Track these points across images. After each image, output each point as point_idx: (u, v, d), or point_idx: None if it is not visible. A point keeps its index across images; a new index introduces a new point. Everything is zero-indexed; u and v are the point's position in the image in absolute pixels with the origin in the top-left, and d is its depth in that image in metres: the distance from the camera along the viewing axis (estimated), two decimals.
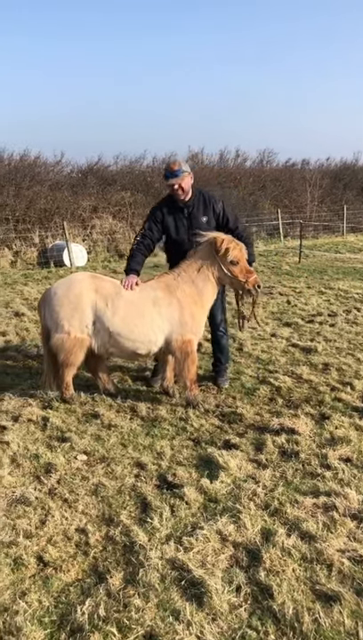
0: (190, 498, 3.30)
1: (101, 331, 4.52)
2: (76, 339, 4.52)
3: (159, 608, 2.46)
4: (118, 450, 3.99)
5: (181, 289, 4.63)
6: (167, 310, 4.58)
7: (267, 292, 9.68)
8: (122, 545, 2.92)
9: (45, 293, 4.72)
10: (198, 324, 4.71)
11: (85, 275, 4.73)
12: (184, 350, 4.62)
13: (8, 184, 15.25)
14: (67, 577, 2.70)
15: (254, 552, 2.83)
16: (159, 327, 4.58)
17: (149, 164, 20.23)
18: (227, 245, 4.54)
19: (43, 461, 3.82)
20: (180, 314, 4.59)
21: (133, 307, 4.52)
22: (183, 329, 4.60)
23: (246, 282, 4.64)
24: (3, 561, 2.80)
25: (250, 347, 6.37)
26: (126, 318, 4.50)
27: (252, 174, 21.04)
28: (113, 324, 4.48)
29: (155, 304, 4.57)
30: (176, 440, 4.13)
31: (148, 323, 4.54)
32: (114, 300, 4.50)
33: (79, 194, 16.83)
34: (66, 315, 4.48)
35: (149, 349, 4.65)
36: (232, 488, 3.42)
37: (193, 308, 4.63)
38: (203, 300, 4.70)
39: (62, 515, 3.19)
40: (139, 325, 4.52)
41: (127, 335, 4.52)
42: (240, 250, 4.63)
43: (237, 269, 4.61)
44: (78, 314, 4.48)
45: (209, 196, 4.93)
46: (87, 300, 4.48)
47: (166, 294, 4.61)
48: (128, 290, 4.59)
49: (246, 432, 4.24)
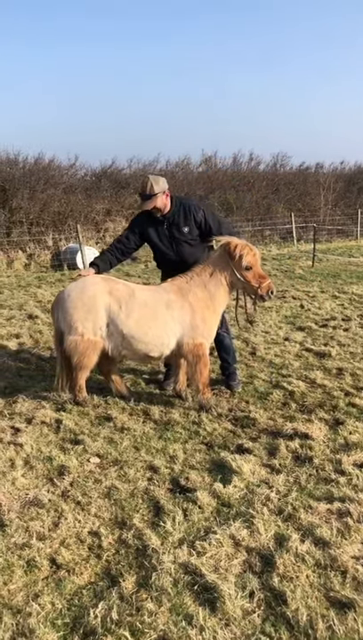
0: (203, 502, 3.29)
1: (115, 333, 4.53)
2: (89, 341, 4.53)
3: (172, 612, 2.45)
4: (131, 453, 4.00)
5: (193, 292, 4.63)
6: (179, 313, 4.58)
7: (280, 296, 9.65)
8: (135, 548, 2.92)
9: (59, 296, 4.74)
10: (210, 327, 4.71)
11: (99, 277, 4.75)
12: (196, 354, 4.62)
13: (22, 187, 15.36)
14: (80, 580, 2.70)
15: (267, 557, 2.81)
16: (172, 330, 4.58)
17: (163, 168, 20.28)
18: (241, 251, 4.54)
19: (56, 464, 3.83)
20: (191, 317, 4.59)
21: (146, 309, 4.53)
22: (194, 332, 4.60)
23: (260, 287, 4.63)
24: (16, 562, 2.81)
25: (263, 351, 6.35)
26: (140, 321, 4.50)
27: (265, 178, 21.01)
28: (126, 326, 4.48)
29: (168, 307, 4.57)
30: (189, 444, 4.13)
31: (161, 325, 4.55)
32: (128, 302, 4.50)
33: (93, 197, 16.92)
34: (80, 317, 4.50)
35: (162, 352, 4.65)
36: (245, 493, 3.41)
37: (205, 311, 4.63)
38: (215, 305, 4.69)
39: (75, 517, 3.19)
40: (152, 328, 4.53)
41: (141, 337, 4.53)
42: (254, 255, 4.62)
43: (250, 275, 4.60)
44: (92, 316, 4.49)
45: (189, 206, 4.91)
46: (101, 303, 4.49)
47: (179, 297, 4.61)
48: (83, 275, 4.77)
49: (260, 436, 4.22)
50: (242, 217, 18.67)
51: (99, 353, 4.62)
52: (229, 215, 18.60)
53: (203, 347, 4.66)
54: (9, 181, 15.40)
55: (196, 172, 20.76)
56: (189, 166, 20.96)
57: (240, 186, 19.83)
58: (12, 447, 4.06)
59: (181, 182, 19.47)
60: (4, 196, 15.34)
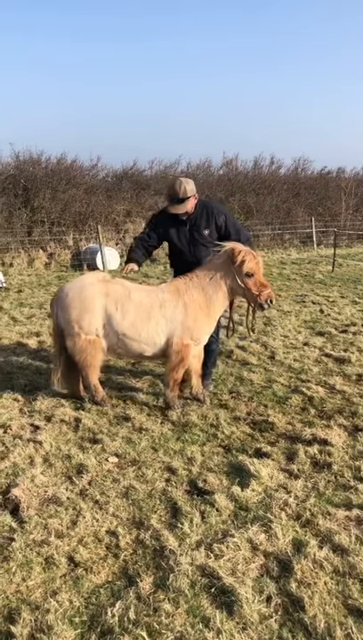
0: (221, 505, 3.29)
1: (111, 333, 4.58)
2: (88, 340, 4.59)
3: (189, 614, 2.45)
4: (149, 453, 4.01)
5: (189, 293, 4.65)
6: (172, 312, 4.61)
7: (299, 301, 9.60)
8: (152, 549, 2.93)
9: (58, 293, 4.78)
10: (200, 330, 4.71)
11: (97, 277, 4.77)
12: (180, 354, 4.65)
13: (45, 187, 15.47)
14: (97, 578, 2.71)
15: (285, 562, 2.80)
16: (162, 328, 4.62)
17: (184, 170, 20.29)
18: (243, 257, 4.52)
19: (75, 462, 3.85)
20: (183, 317, 4.61)
21: (141, 310, 4.57)
22: (184, 333, 4.63)
23: (259, 295, 4.61)
24: (35, 559, 2.83)
25: (282, 355, 6.33)
26: (135, 322, 4.55)
27: (286, 182, 20.89)
28: (122, 327, 4.54)
29: (161, 306, 4.61)
30: (207, 446, 4.12)
31: (153, 325, 4.59)
32: (124, 303, 4.55)
33: (113, 198, 16.98)
34: (77, 317, 4.55)
35: (155, 351, 4.70)
36: (263, 497, 3.40)
37: (198, 313, 4.64)
38: (210, 308, 4.70)
39: (93, 516, 3.21)
40: (145, 328, 4.58)
41: (135, 338, 4.59)
42: (257, 263, 4.61)
43: (251, 282, 4.60)
44: (89, 316, 4.54)
45: (212, 209, 4.95)
46: (98, 304, 4.54)
47: (174, 297, 4.65)
48: (127, 272, 4.81)
49: (278, 441, 4.21)
50: (262, 220, 18.60)
51: (101, 350, 4.67)
52: (249, 218, 18.54)
53: (189, 348, 4.68)
54: (31, 181, 15.52)
55: (216, 174, 20.74)
56: (209, 169, 20.93)
57: (261, 189, 19.76)
58: (31, 444, 4.10)
59: (202, 185, 19.43)
60: (26, 195, 15.47)
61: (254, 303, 4.72)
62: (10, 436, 4.26)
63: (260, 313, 5.37)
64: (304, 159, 22.37)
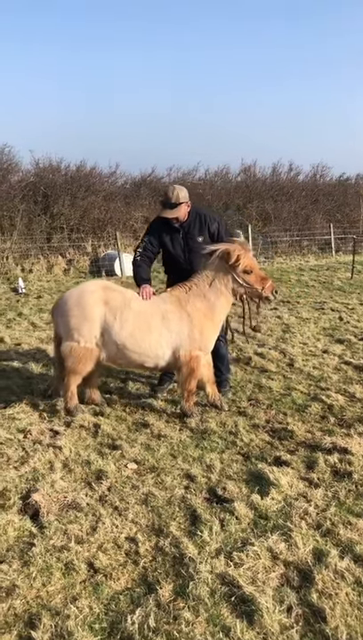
0: (240, 513, 3.27)
1: (109, 343, 4.53)
2: (85, 348, 4.55)
3: (209, 623, 2.44)
4: (168, 460, 4.00)
5: (191, 303, 4.61)
6: (177, 325, 4.57)
7: (318, 307, 9.55)
8: (172, 556, 2.92)
9: (58, 301, 4.79)
10: (207, 339, 4.69)
11: (97, 285, 4.76)
12: (190, 366, 4.62)
13: (64, 194, 15.63)
14: (117, 585, 2.71)
15: (305, 572, 2.78)
16: (167, 341, 4.57)
17: (202, 177, 20.37)
18: (237, 254, 4.51)
19: (94, 468, 3.86)
20: (189, 329, 4.58)
21: (141, 320, 4.52)
22: (192, 345, 4.59)
23: (263, 289, 4.60)
24: (55, 565, 2.84)
25: (301, 362, 6.29)
26: (134, 332, 4.49)
27: (304, 188, 20.86)
28: (120, 337, 4.48)
29: (164, 317, 4.57)
30: (226, 454, 4.11)
31: (155, 337, 4.54)
32: (123, 312, 4.50)
33: (132, 205, 17.10)
34: (76, 324, 4.51)
35: (156, 363, 4.66)
36: (283, 506, 3.37)
37: (203, 322, 4.61)
38: (214, 315, 4.67)
39: (113, 522, 3.21)
40: (146, 339, 4.53)
41: (134, 349, 4.53)
42: (251, 258, 4.61)
43: (252, 278, 4.59)
44: (88, 324, 4.50)
45: (205, 216, 4.99)
46: (97, 312, 4.50)
47: (177, 308, 4.60)
48: (147, 299, 4.66)
49: (297, 449, 4.18)
50: (280, 227, 18.57)
51: (94, 360, 4.63)
52: (267, 225, 18.52)
53: (198, 359, 4.65)
54: (51, 188, 15.70)
55: (234, 181, 20.78)
56: (227, 175, 21.00)
57: (279, 196, 19.74)
58: (51, 450, 4.12)
59: (220, 191, 19.52)
60: (45, 202, 15.64)
61: (259, 298, 4.71)
62: (30, 441, 4.29)
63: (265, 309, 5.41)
64: (323, 165, 22.37)
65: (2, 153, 16.02)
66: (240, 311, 5.09)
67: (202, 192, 18.90)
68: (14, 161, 16.36)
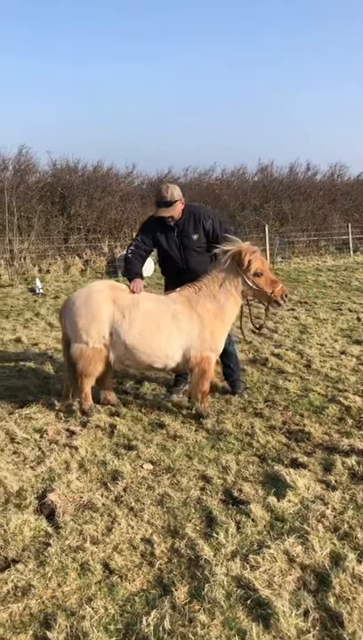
0: (257, 515, 3.24)
1: (118, 343, 4.50)
2: (94, 349, 4.52)
3: (225, 626, 2.42)
4: (184, 461, 3.99)
5: (201, 303, 4.58)
6: (187, 325, 4.54)
7: (336, 308, 9.47)
8: (187, 558, 2.90)
9: (66, 303, 4.78)
10: (217, 340, 4.66)
11: (105, 285, 4.75)
12: (202, 367, 4.59)
13: (81, 195, 15.70)
14: (132, 586, 2.70)
15: (322, 576, 2.74)
16: (178, 342, 4.54)
17: (218, 177, 20.32)
18: (249, 257, 4.48)
19: (110, 468, 3.86)
20: (200, 330, 4.54)
21: (150, 320, 4.49)
22: (202, 345, 4.56)
23: (273, 293, 4.56)
24: (70, 565, 2.84)
25: (318, 363, 6.24)
26: (143, 331, 4.46)
27: (322, 188, 20.71)
28: (129, 336, 4.45)
29: (174, 318, 4.53)
30: (242, 455, 4.08)
31: (165, 338, 4.51)
32: (132, 311, 4.48)
33: (148, 205, 17.08)
34: (84, 325, 4.49)
35: (166, 363, 4.62)
36: (300, 508, 3.34)
37: (214, 323, 4.57)
38: (224, 316, 4.64)
39: (128, 523, 3.21)
40: (156, 339, 4.49)
41: (143, 349, 4.50)
42: (262, 261, 4.57)
43: (262, 281, 4.56)
44: (96, 324, 4.47)
45: (199, 214, 4.96)
46: (105, 311, 4.47)
47: (187, 308, 4.57)
48: (137, 292, 4.64)
49: (315, 451, 4.13)
50: (297, 227, 18.46)
51: (104, 361, 4.61)
52: (284, 225, 18.42)
53: (210, 360, 4.62)
54: (68, 189, 15.78)
55: (251, 181, 20.70)
56: (244, 175, 20.92)
57: (296, 195, 19.62)
58: (67, 450, 4.13)
59: (237, 191, 19.45)
60: (63, 203, 15.73)
61: (268, 302, 4.68)
62: (46, 441, 4.31)
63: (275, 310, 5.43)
64: (341, 165, 22.16)
65: (20, 154, 16.14)
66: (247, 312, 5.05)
67: (219, 192, 18.87)
68: (32, 162, 16.48)
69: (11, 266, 14.03)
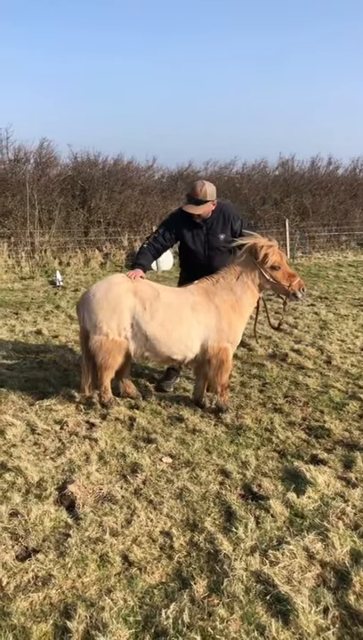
0: (276, 511, 3.23)
1: (139, 334, 4.51)
2: (114, 341, 4.52)
3: (244, 621, 2.42)
4: (203, 455, 3.99)
5: (219, 295, 4.59)
6: (205, 316, 4.55)
7: (357, 304, 9.37)
8: (206, 552, 2.91)
9: (84, 295, 4.76)
10: (235, 331, 4.65)
11: (124, 277, 4.74)
12: (220, 358, 4.59)
13: (101, 188, 15.71)
14: (151, 579, 2.71)
15: (342, 573, 2.73)
16: (197, 333, 4.55)
17: (239, 170, 20.19)
18: (266, 251, 4.47)
19: (129, 461, 3.87)
20: (217, 321, 4.55)
21: (171, 311, 4.50)
22: (220, 336, 4.56)
23: (290, 286, 4.54)
24: (90, 556, 2.86)
25: (339, 360, 6.18)
26: (164, 322, 4.47)
27: (344, 182, 20.46)
28: (151, 327, 4.46)
29: (193, 309, 4.54)
30: (261, 450, 4.07)
31: (185, 328, 4.52)
32: (152, 303, 4.48)
33: (168, 199, 17.06)
34: (105, 317, 4.49)
35: (185, 355, 4.62)
36: (320, 505, 3.32)
37: (231, 315, 4.58)
38: (241, 308, 4.64)
39: (147, 516, 3.22)
40: (176, 330, 4.50)
41: (164, 340, 4.50)
42: (280, 254, 4.55)
43: (279, 274, 4.54)
44: (117, 316, 4.47)
45: (229, 214, 4.94)
46: (126, 303, 4.48)
47: (205, 300, 4.58)
48: (135, 278, 4.65)
49: (335, 448, 4.10)
50: (318, 222, 18.28)
51: (123, 353, 4.61)
52: (305, 219, 18.25)
53: (227, 351, 4.62)
54: (88, 182, 15.80)
55: (272, 175, 20.52)
56: (265, 169, 20.75)
57: (317, 190, 19.41)
58: (87, 442, 4.15)
59: (257, 185, 19.30)
60: (83, 196, 15.75)
61: (285, 295, 4.67)
62: (66, 433, 4.33)
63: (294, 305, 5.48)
64: None
65: (41, 147, 16.19)
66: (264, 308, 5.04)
67: (239, 186, 18.75)
68: (53, 155, 16.52)
69: (32, 258, 14.13)
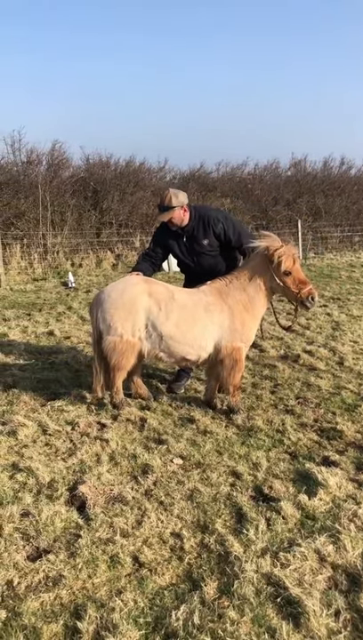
0: (287, 513, 3.22)
1: (154, 334, 4.51)
2: (128, 342, 4.51)
3: (254, 623, 2.41)
4: (214, 457, 3.98)
5: (232, 295, 4.59)
6: (219, 316, 4.54)
7: None
8: (217, 554, 2.90)
9: (98, 296, 4.75)
10: (248, 332, 4.65)
11: (139, 278, 4.75)
12: (233, 358, 4.58)
13: (113, 189, 15.78)
14: (161, 580, 2.71)
15: (354, 576, 2.70)
16: (211, 333, 4.55)
17: (251, 171, 20.18)
18: (279, 256, 4.43)
19: (140, 462, 3.88)
20: (230, 321, 4.55)
21: (185, 311, 4.51)
22: (233, 336, 4.56)
23: (300, 293, 4.50)
24: (100, 557, 2.86)
25: (351, 361, 6.14)
26: (179, 323, 4.48)
27: (357, 182, 20.38)
28: (166, 327, 4.46)
29: (206, 310, 4.55)
30: (272, 452, 4.05)
31: (200, 328, 4.52)
32: (167, 304, 4.49)
33: None
34: (120, 318, 4.48)
35: (199, 355, 4.62)
36: (331, 507, 3.29)
37: (244, 315, 4.58)
38: (254, 309, 4.63)
39: (158, 517, 3.21)
40: (191, 330, 4.50)
41: (179, 339, 4.50)
42: (294, 259, 4.50)
43: (289, 280, 4.50)
44: (132, 317, 4.47)
45: (209, 218, 4.90)
46: (141, 304, 4.48)
47: (218, 300, 4.58)
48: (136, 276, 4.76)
49: (347, 450, 4.07)
50: (330, 222, 18.22)
51: (136, 354, 4.61)
52: (317, 220, 18.21)
53: (240, 351, 4.61)
54: (100, 183, 15.88)
55: (284, 175, 20.49)
56: (277, 170, 20.72)
57: (330, 190, 19.35)
58: (98, 442, 4.16)
59: (269, 186, 19.29)
60: (95, 197, 15.84)
61: (294, 301, 4.66)
62: (78, 434, 4.35)
63: (303, 312, 5.51)
64: None
65: (53, 149, 16.29)
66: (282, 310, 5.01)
67: (251, 187, 18.73)
68: (65, 157, 16.62)
69: (44, 260, 14.22)
